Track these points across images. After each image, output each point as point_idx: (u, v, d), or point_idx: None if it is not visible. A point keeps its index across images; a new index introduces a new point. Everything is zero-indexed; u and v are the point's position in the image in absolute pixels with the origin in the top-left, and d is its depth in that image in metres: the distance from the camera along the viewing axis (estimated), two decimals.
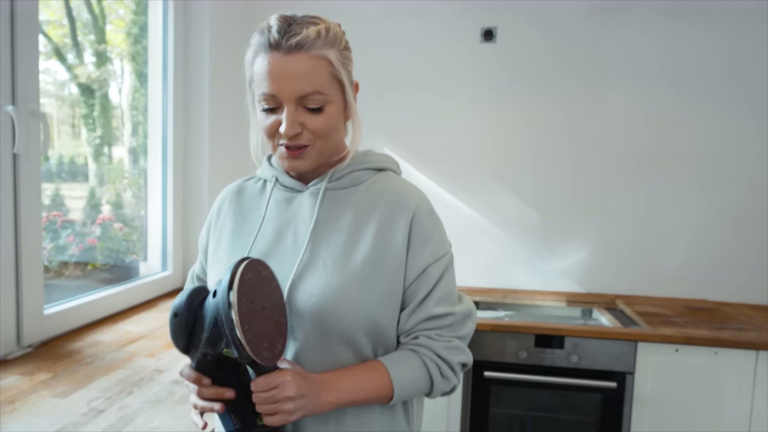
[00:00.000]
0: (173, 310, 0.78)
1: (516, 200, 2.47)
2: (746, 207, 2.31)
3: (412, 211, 0.87)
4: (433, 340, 0.87)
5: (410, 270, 0.86)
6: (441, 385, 0.88)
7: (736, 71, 2.27)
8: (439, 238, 0.89)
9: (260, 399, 0.76)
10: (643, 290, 2.41)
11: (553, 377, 1.91)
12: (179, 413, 1.11)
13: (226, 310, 0.71)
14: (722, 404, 1.84)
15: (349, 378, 0.82)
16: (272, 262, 0.86)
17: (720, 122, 2.30)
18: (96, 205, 1.96)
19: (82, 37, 1.85)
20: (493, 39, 2.41)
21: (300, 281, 0.84)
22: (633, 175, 2.38)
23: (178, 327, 0.77)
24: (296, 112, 0.81)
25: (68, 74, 1.81)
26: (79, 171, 1.89)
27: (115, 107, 2.05)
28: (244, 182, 1.01)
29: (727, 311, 2.18)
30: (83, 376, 1.28)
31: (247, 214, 0.95)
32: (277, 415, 0.75)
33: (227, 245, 0.93)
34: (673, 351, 1.85)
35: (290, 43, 0.78)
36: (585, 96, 2.38)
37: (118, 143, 2.08)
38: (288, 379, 0.75)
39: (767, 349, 1.79)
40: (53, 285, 1.70)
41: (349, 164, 0.91)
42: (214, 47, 2.19)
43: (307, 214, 0.89)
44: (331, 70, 0.82)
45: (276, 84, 0.80)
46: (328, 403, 0.80)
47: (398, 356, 0.87)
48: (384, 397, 0.84)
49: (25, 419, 1.06)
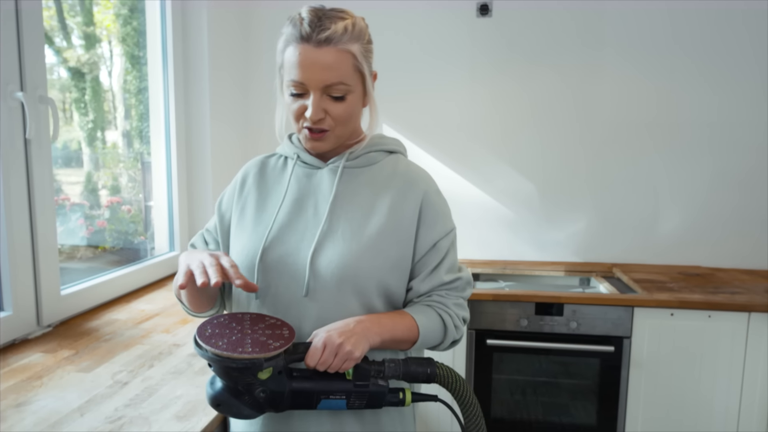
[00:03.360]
0: (212, 403, 0.85)
1: (514, 173, 2.51)
2: (738, 174, 2.36)
3: (422, 190, 0.99)
4: (444, 297, 0.99)
5: (422, 243, 0.97)
6: (453, 333, 0.99)
7: (729, 39, 2.30)
8: (446, 216, 1.01)
9: (325, 363, 0.82)
10: (639, 258, 2.47)
11: (553, 343, 1.98)
12: (200, 383, 1.17)
13: (221, 359, 0.78)
14: (716, 365, 1.91)
15: (385, 317, 0.92)
16: (294, 232, 0.95)
17: (714, 90, 2.33)
18: (93, 189, 1.97)
19: (69, 19, 1.84)
20: (488, 13, 2.42)
21: (321, 249, 0.93)
22: (628, 145, 2.42)
23: (228, 409, 0.83)
24: (321, 99, 0.90)
25: (57, 58, 1.80)
26: (73, 156, 1.89)
27: (106, 90, 2.04)
28: (267, 158, 1.08)
29: (721, 276, 2.24)
30: (104, 352, 1.34)
31: (270, 188, 1.03)
32: (347, 361, 0.83)
33: (252, 216, 1.01)
34: (669, 315, 1.92)
35: (320, 37, 0.87)
36: (582, 67, 2.41)
37: (111, 127, 2.08)
38: (324, 335, 0.83)
39: (759, 311, 1.85)
40: (66, 268, 1.75)
41: (365, 146, 1.01)
42: (212, 28, 2.20)
43: (326, 189, 0.98)
44: (355, 63, 0.91)
45: (305, 73, 0.88)
46: (375, 333, 0.88)
47: (418, 307, 0.97)
48: (411, 339, 0.93)
49: (54, 393, 1.12)
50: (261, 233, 0.97)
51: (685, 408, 1.94)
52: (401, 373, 0.88)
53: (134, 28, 2.08)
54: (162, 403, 1.08)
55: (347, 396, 0.85)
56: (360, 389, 0.85)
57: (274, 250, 0.95)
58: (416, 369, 0.88)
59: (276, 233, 0.96)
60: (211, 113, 2.23)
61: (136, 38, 2.09)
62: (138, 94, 2.13)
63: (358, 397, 0.85)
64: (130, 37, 2.08)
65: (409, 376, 0.88)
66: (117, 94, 2.10)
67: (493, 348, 2.03)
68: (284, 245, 0.95)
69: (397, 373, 0.88)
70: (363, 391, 0.85)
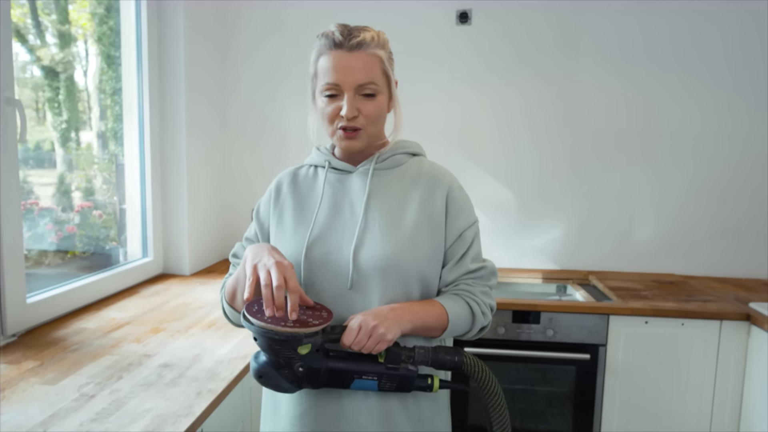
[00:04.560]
0: (255, 375, 0.90)
1: (492, 180, 2.52)
2: (710, 184, 2.41)
3: (447, 186, 1.07)
4: (471, 286, 1.05)
5: (449, 234, 1.04)
6: (480, 320, 1.04)
7: (701, 53, 2.34)
8: (470, 209, 1.09)
9: (359, 344, 0.88)
10: (614, 266, 2.50)
11: (529, 351, 1.98)
12: (170, 395, 1.14)
13: (266, 331, 0.84)
14: (688, 372, 1.94)
15: (417, 305, 0.98)
16: (334, 232, 1.02)
17: (691, 101, 2.37)
18: (66, 191, 1.93)
19: (43, 16, 1.80)
20: (468, 21, 2.43)
21: (362, 245, 0.99)
22: (605, 154, 2.45)
23: (269, 381, 0.89)
24: (354, 98, 0.99)
25: (30, 56, 1.76)
26: (45, 157, 1.85)
27: (81, 90, 2.00)
28: (297, 169, 1.14)
29: (693, 284, 2.28)
30: (71, 363, 1.30)
31: (304, 194, 1.09)
32: (380, 342, 0.89)
33: (291, 221, 1.06)
34: (643, 323, 1.94)
35: (352, 43, 0.97)
36: (560, 76, 2.43)
37: (86, 128, 2.04)
38: (361, 317, 0.90)
39: (730, 318, 1.89)
40: (33, 274, 1.69)
41: (390, 149, 1.09)
42: (188, 29, 2.16)
43: (359, 189, 1.05)
44: (382, 66, 1.01)
45: (339, 75, 0.97)
46: (407, 320, 0.94)
47: (447, 296, 1.03)
48: (441, 326, 0.99)
49: (17, 407, 1.08)
50: (302, 235, 1.02)
51: (659, 415, 1.97)
52: (430, 359, 0.93)
53: (110, 28, 2.04)
54: (130, 417, 1.04)
55: (379, 377, 0.91)
56: (391, 371, 0.91)
57: (317, 249, 1.00)
58: (444, 357, 0.94)
59: (317, 234, 1.02)
60: (187, 115, 2.19)
61: (113, 38, 2.05)
62: (114, 95, 2.08)
63: (388, 379, 0.91)
64: (106, 37, 2.03)
65: (437, 362, 0.94)
66: (92, 94, 2.05)
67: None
68: (326, 244, 1.00)
69: (427, 359, 0.93)
70: (393, 374, 0.91)
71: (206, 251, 2.41)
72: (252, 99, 2.58)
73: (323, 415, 0.97)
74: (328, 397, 0.97)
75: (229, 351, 1.40)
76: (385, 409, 0.98)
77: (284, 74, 2.55)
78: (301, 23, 2.49)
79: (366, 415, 0.97)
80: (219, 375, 1.25)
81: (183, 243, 2.24)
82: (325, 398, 0.97)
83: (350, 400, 0.97)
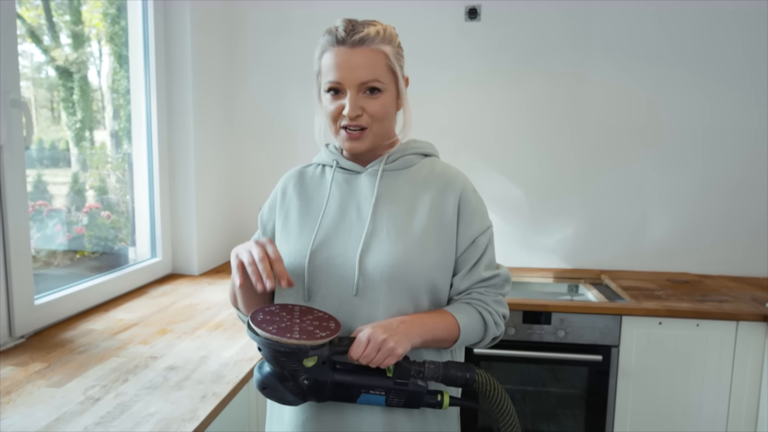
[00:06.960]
0: (259, 386, 0.88)
1: (502, 178, 2.49)
2: (727, 181, 2.36)
3: (460, 189, 1.01)
4: (484, 294, 1.01)
5: (461, 240, 1.00)
6: (493, 330, 1.00)
7: (719, 45, 2.29)
8: (484, 213, 1.04)
9: (367, 357, 0.85)
10: (627, 265, 2.46)
11: (540, 352, 1.96)
12: (175, 399, 1.13)
13: (271, 342, 0.81)
14: (704, 374, 1.90)
15: (426, 317, 0.94)
16: (340, 234, 0.98)
17: (704, 96, 2.32)
18: (80, 190, 1.94)
19: (57, 17, 1.81)
20: (477, 17, 2.40)
21: (368, 249, 0.95)
22: (617, 151, 2.41)
23: (273, 393, 0.87)
24: (357, 96, 0.94)
25: (44, 57, 1.77)
26: (60, 156, 1.86)
27: (94, 90, 2.02)
28: (304, 168, 1.10)
29: (709, 283, 2.23)
30: (78, 365, 1.29)
31: (311, 195, 1.05)
32: (389, 357, 0.86)
33: (296, 222, 1.03)
34: (657, 324, 1.90)
35: (354, 39, 0.93)
36: (571, 73, 2.39)
37: (100, 127, 2.05)
38: (369, 330, 0.86)
39: (747, 319, 1.84)
40: (42, 275, 1.70)
41: (400, 149, 1.04)
42: (195, 28, 2.16)
43: (367, 191, 1.00)
44: (388, 63, 0.96)
45: (341, 72, 0.93)
46: (416, 334, 0.90)
47: (458, 306, 0.99)
48: (452, 337, 0.95)
49: (22, 410, 1.07)
50: (307, 237, 0.99)
51: (673, 417, 1.93)
52: (440, 375, 0.90)
53: (122, 28, 2.05)
54: (134, 421, 1.04)
55: (386, 392, 0.88)
56: (399, 387, 0.88)
57: (322, 252, 0.97)
58: (455, 373, 0.91)
59: (322, 237, 0.98)
60: (195, 115, 2.19)
61: (124, 38, 2.06)
62: (127, 94, 2.09)
63: (396, 394, 0.88)
64: (118, 37, 2.04)
65: (448, 379, 0.90)
66: (105, 94, 2.07)
67: (480, 357, 2.00)
68: (331, 247, 0.97)
69: (437, 375, 0.90)
70: (402, 389, 0.88)
71: (215, 251, 2.41)
72: (260, 98, 2.57)
73: (327, 423, 0.95)
74: (333, 405, 0.95)
75: (235, 353, 1.39)
76: (390, 420, 0.95)
77: (292, 73, 2.54)
78: (309, 22, 2.47)
79: (370, 425, 0.94)
80: (224, 378, 1.24)
81: (192, 243, 2.24)
82: (330, 406, 0.95)
83: (354, 408, 0.95)
